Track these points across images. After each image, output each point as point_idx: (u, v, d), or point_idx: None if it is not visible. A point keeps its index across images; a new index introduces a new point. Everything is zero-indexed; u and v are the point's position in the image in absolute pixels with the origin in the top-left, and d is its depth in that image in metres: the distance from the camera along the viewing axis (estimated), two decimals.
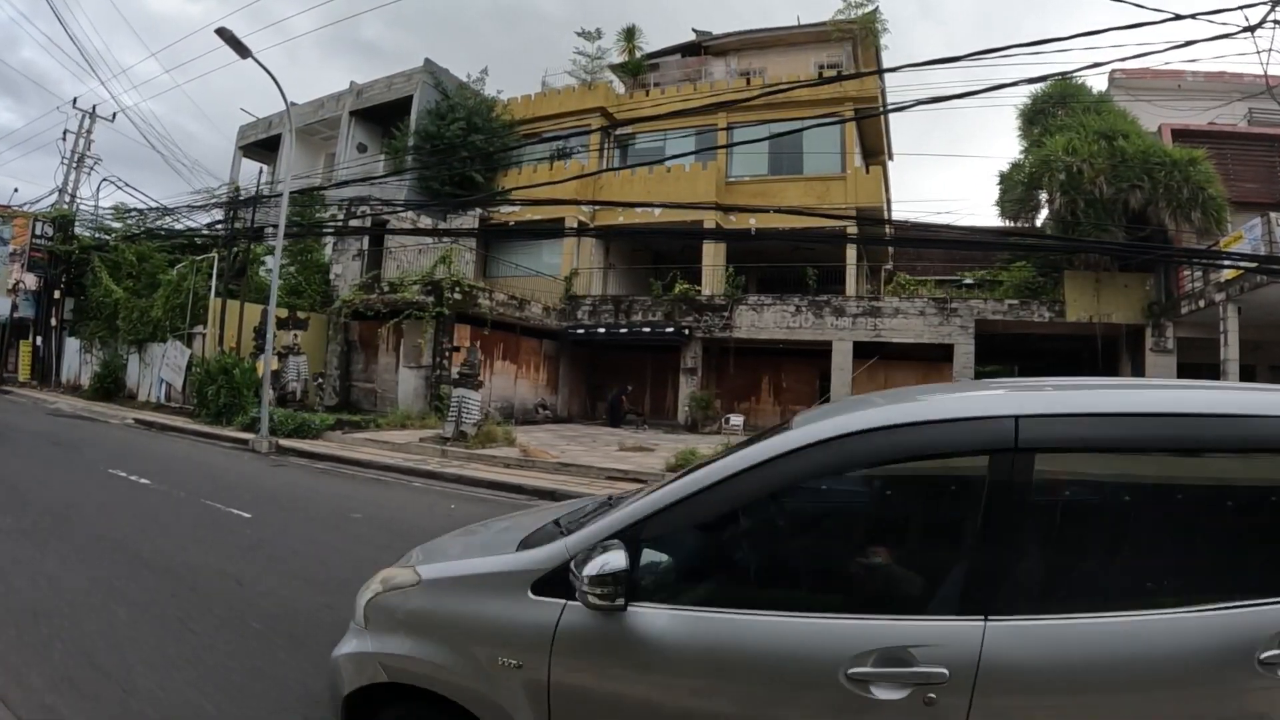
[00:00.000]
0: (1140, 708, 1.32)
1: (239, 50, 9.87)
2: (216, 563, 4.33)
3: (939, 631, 1.36)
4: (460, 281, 14.50)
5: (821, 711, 1.40)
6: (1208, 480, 1.55)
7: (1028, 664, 1.32)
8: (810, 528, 1.77)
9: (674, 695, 1.50)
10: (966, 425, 1.53)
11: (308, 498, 7.11)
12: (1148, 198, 12.75)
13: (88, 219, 18.10)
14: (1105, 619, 1.34)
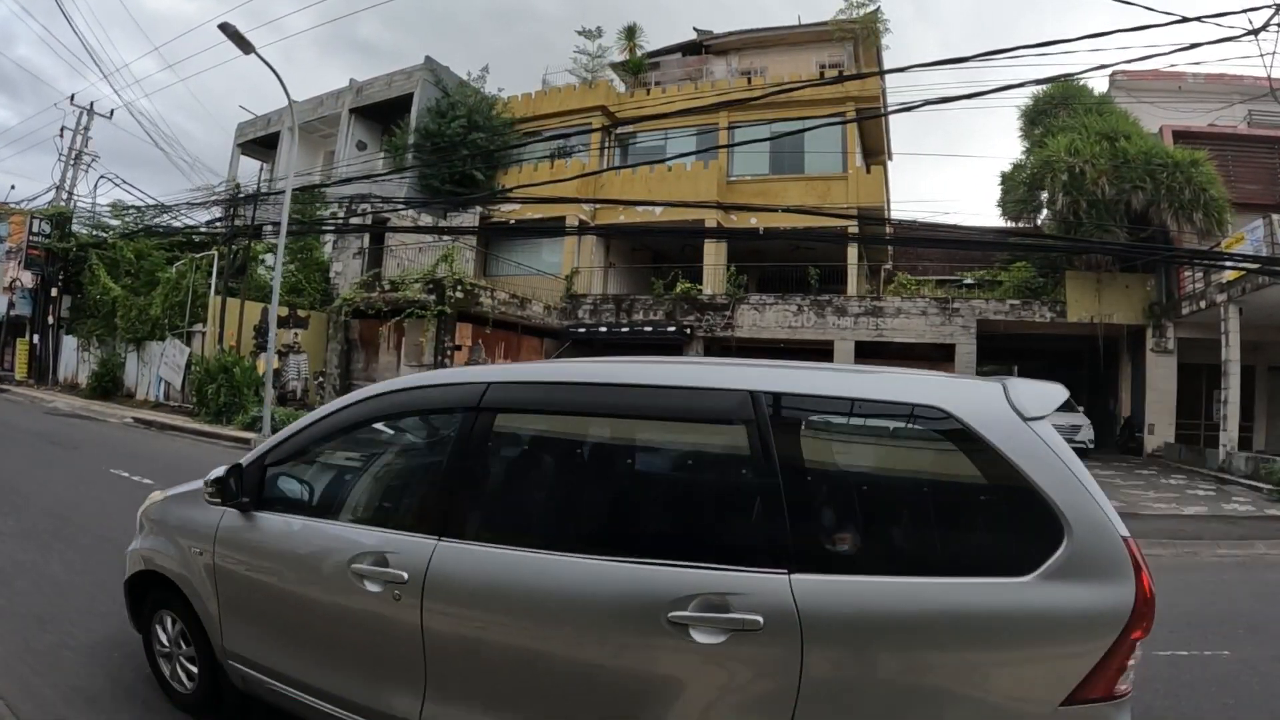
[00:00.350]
0: (570, 641, 1.63)
1: (242, 45, 9.78)
2: None
3: None
4: (462, 280, 14.45)
5: (329, 587, 1.98)
6: (661, 445, 1.88)
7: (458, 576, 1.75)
8: (373, 460, 2.37)
9: (278, 577, 2.15)
10: (450, 388, 2.06)
11: None
12: (1150, 199, 12.79)
13: (85, 216, 17.96)
14: (543, 556, 1.67)
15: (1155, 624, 4.00)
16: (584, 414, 1.88)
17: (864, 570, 1.51)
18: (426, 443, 2.25)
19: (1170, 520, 8.11)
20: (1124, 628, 1.43)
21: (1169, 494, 9.81)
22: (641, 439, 1.90)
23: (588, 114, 19.70)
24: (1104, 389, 17.17)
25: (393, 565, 1.79)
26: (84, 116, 17.83)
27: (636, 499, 1.82)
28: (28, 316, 17.35)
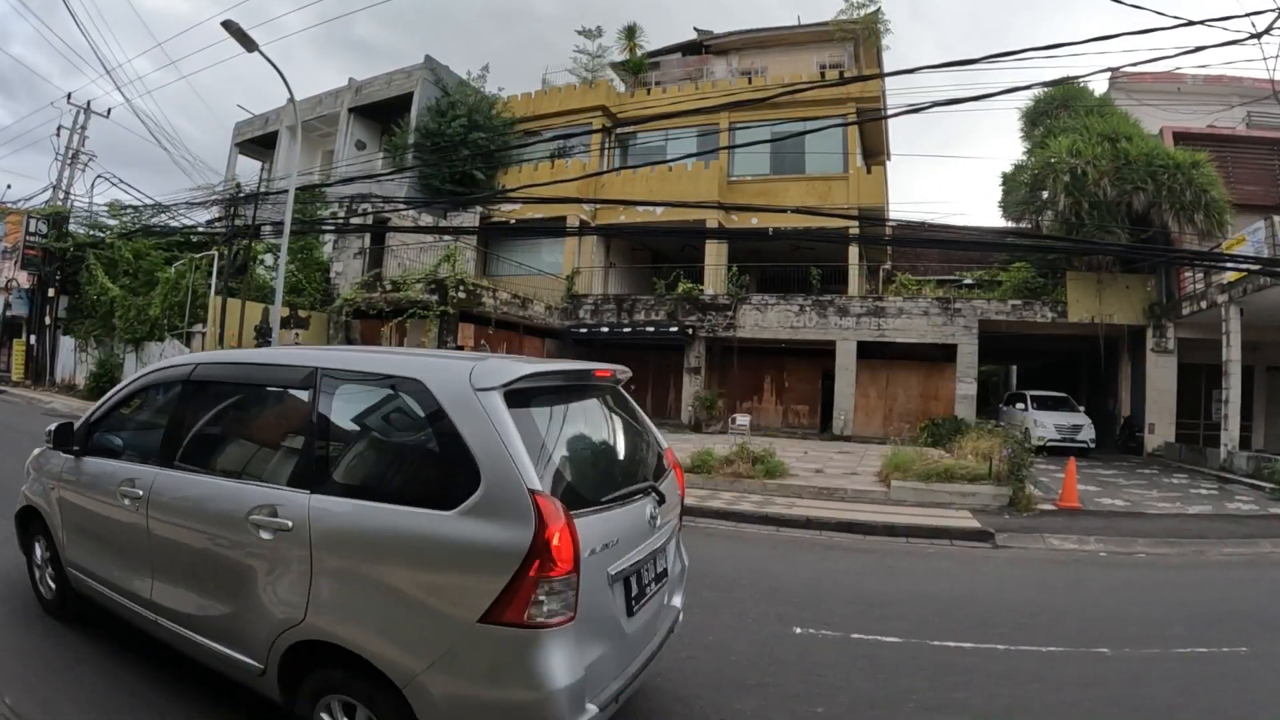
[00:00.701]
0: (203, 532, 2.42)
1: (245, 43, 9.70)
2: None
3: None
4: (464, 280, 14.39)
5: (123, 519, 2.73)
6: (256, 403, 2.67)
7: None
8: (160, 423, 2.90)
9: (89, 501, 2.93)
10: (174, 368, 2.91)
11: None
12: (1151, 200, 12.85)
13: (82, 216, 17.82)
14: (196, 477, 2.54)
15: (1171, 622, 3.99)
16: (229, 382, 2.73)
17: (351, 495, 2.08)
18: (161, 404, 2.97)
19: (1175, 520, 8.14)
20: (521, 563, 1.76)
21: (1172, 493, 9.86)
22: (247, 399, 2.70)
23: (588, 114, 19.67)
24: (1103, 389, 17.27)
25: (138, 486, 2.64)
26: (81, 115, 17.67)
27: (240, 438, 2.67)
28: (24, 317, 17.19)
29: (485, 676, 1.81)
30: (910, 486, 8.19)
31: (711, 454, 8.82)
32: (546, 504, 1.81)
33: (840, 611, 4.15)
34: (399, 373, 2.17)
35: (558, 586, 1.79)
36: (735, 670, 3.22)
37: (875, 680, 3.19)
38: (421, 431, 2.09)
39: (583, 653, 1.88)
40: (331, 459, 2.19)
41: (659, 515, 2.42)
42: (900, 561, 5.83)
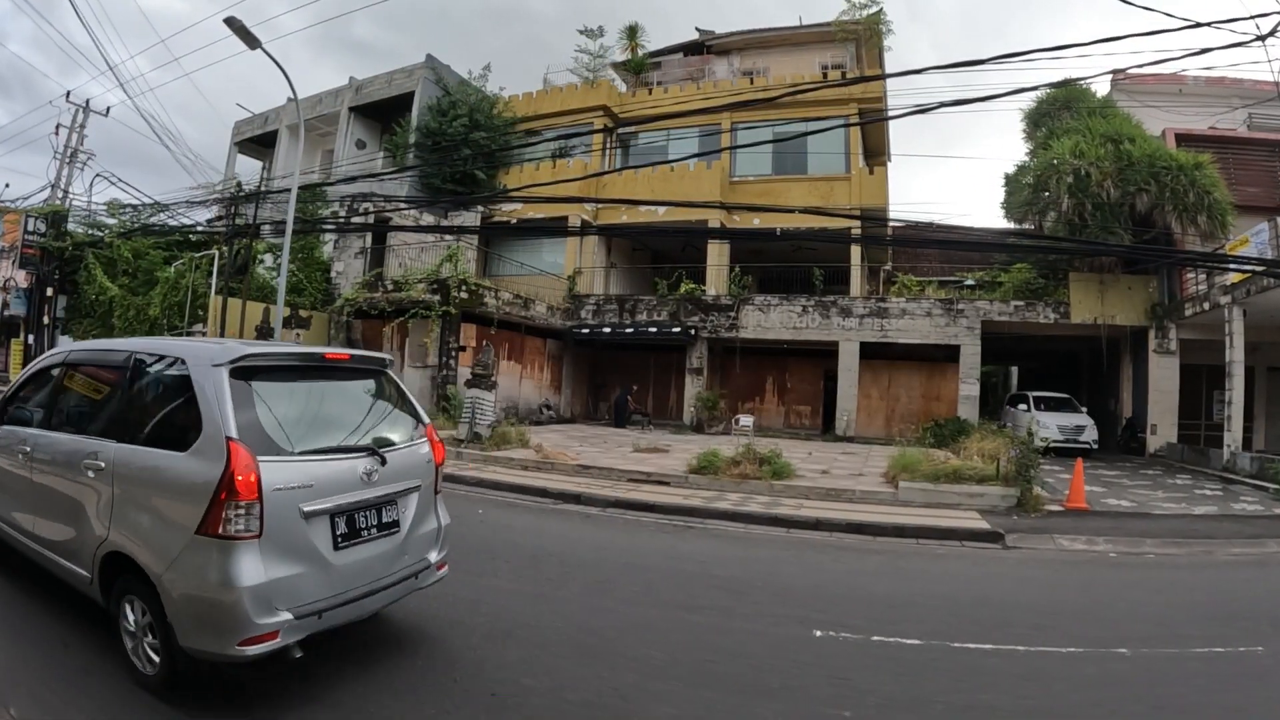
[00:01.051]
0: (62, 477, 3.14)
1: (248, 40, 9.64)
2: None
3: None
4: (467, 280, 14.33)
5: None
6: (96, 381, 3.41)
7: None
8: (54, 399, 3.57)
9: (5, 464, 3.57)
10: (54, 354, 3.78)
11: None
12: (1154, 201, 12.88)
13: (81, 215, 17.69)
14: (55, 435, 3.30)
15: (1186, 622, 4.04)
16: (85, 364, 3.46)
17: (137, 442, 2.82)
18: (46, 382, 3.64)
19: (1182, 520, 8.14)
20: (215, 490, 2.43)
21: (1177, 494, 9.87)
22: (93, 376, 3.39)
23: (590, 113, 19.64)
24: (1104, 390, 17.29)
25: (26, 444, 3.35)
26: (80, 113, 17.54)
27: (86, 404, 3.34)
28: (22, 316, 17.06)
29: (198, 575, 2.45)
30: (918, 488, 8.17)
31: (717, 455, 8.80)
32: (237, 448, 2.47)
33: (858, 614, 4.14)
34: (172, 354, 2.94)
35: (243, 510, 2.43)
36: (755, 674, 3.20)
37: (900, 683, 3.17)
38: (179, 395, 2.77)
39: (270, 566, 2.48)
40: (131, 417, 2.95)
41: (376, 473, 2.93)
42: (912, 563, 5.81)
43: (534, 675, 2.98)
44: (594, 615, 3.80)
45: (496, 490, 7.96)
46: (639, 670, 3.12)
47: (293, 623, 2.47)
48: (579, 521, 6.68)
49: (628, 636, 3.51)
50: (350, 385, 3.31)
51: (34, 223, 16.59)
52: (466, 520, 6.41)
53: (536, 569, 4.69)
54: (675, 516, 7.01)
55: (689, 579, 4.70)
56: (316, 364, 3.17)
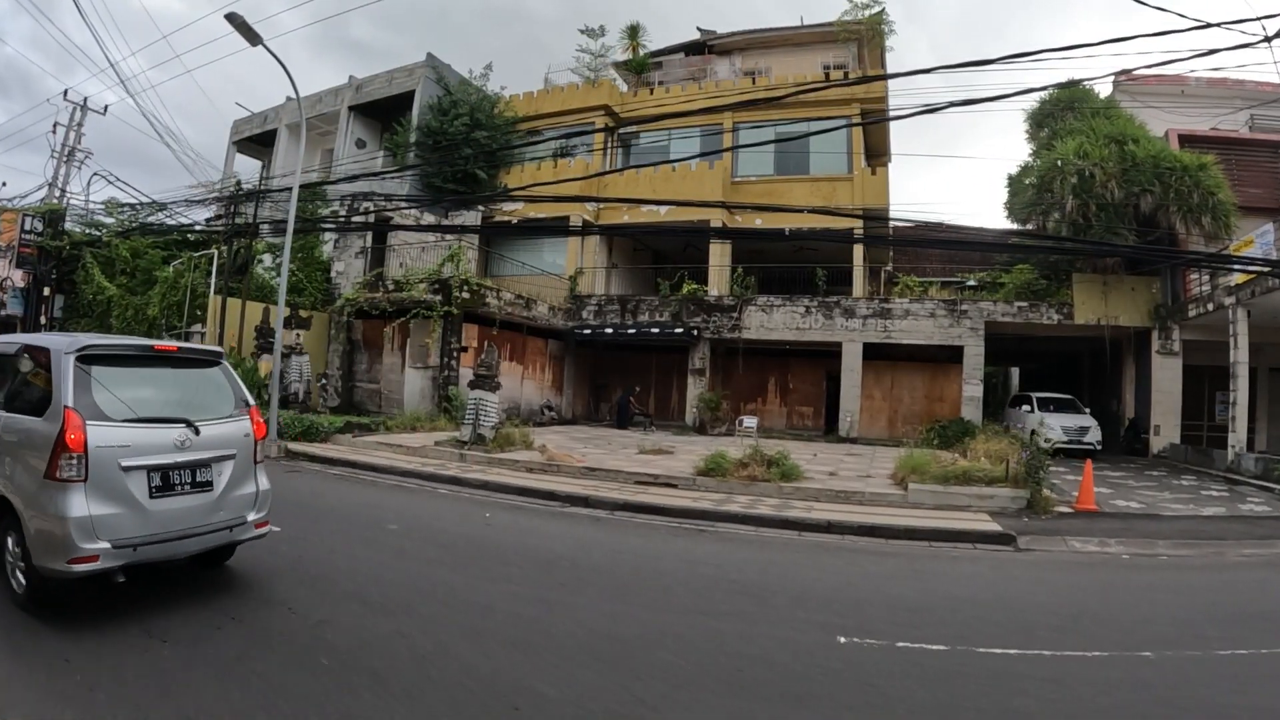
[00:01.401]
0: None
1: (249, 36, 9.54)
2: (258, 588, 3.98)
3: None
4: (469, 280, 14.23)
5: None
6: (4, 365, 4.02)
7: None
8: None
9: None
10: None
11: (335, 508, 6.78)
12: (1158, 202, 12.88)
13: (79, 214, 17.51)
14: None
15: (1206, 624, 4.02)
16: None
17: (18, 411, 3.63)
18: None
19: (1191, 521, 8.13)
20: (54, 445, 3.22)
21: (1184, 495, 9.86)
22: (2, 364, 4.01)
23: (591, 113, 19.58)
24: (1105, 390, 17.29)
25: None
26: (78, 111, 17.37)
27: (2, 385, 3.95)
28: (19, 316, 16.87)
29: (43, 510, 3.22)
30: (928, 490, 8.12)
31: (725, 457, 8.73)
32: (70, 414, 3.27)
33: (879, 619, 4.09)
34: (44, 344, 3.71)
35: (73, 460, 3.21)
36: (785, 681, 3.14)
37: (930, 690, 3.12)
38: (45, 375, 3.51)
39: (93, 504, 3.23)
40: (17, 391, 3.72)
41: (189, 441, 3.63)
42: (927, 565, 5.76)
43: (555, 685, 2.91)
44: (613, 622, 3.73)
45: (503, 493, 7.88)
46: (665, 679, 3.04)
47: (110, 550, 3.22)
48: (589, 525, 6.60)
49: (650, 644, 3.44)
50: (183, 372, 4.09)
51: (31, 221, 16.41)
52: (473, 522, 6.37)
53: (549, 574, 4.61)
54: (686, 520, 6.94)
55: (707, 584, 4.63)
56: (148, 354, 4.02)
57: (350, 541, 5.36)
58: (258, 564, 4.41)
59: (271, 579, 4.14)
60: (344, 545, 5.20)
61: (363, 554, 4.94)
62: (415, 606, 3.72)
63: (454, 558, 4.85)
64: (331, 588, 4.05)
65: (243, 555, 4.54)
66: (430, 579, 4.30)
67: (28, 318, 16.69)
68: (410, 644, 3.21)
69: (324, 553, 4.88)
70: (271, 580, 4.12)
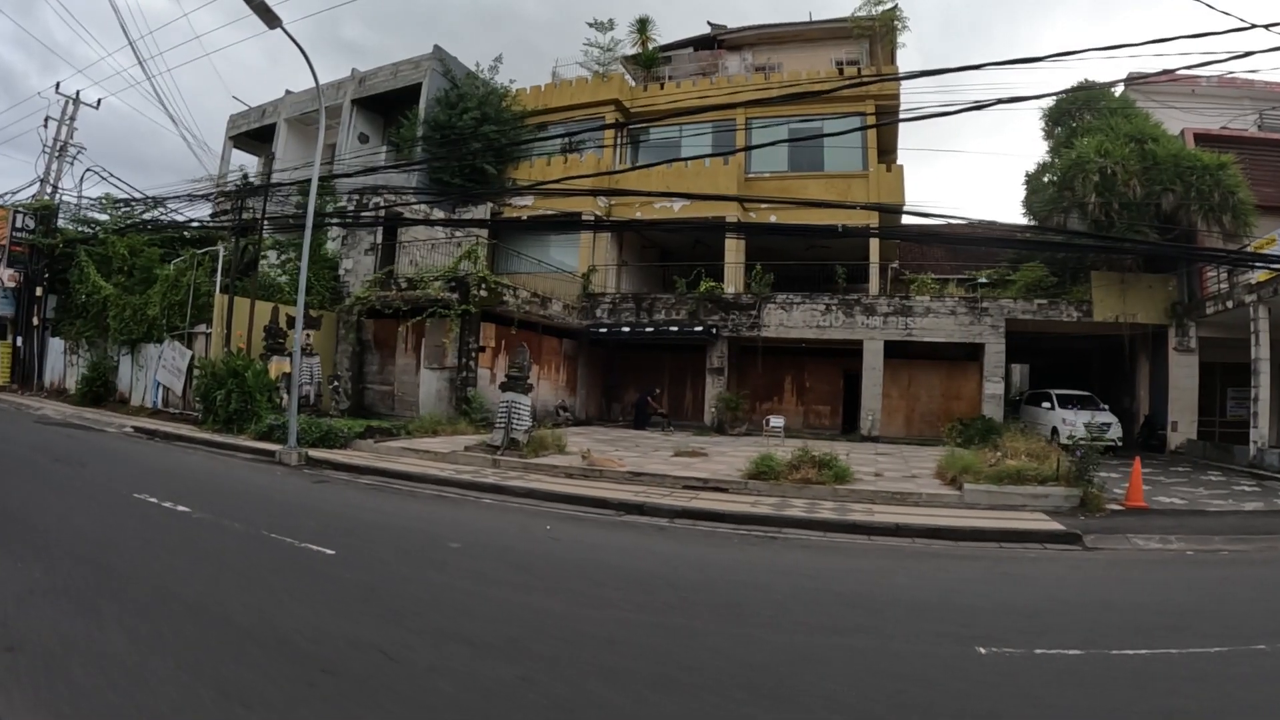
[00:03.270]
0: None
1: (267, 19, 9.10)
2: (338, 625, 3.45)
3: None
4: (486, 277, 13.87)
5: None
6: None
7: None
8: None
9: None
10: None
11: (382, 524, 6.36)
12: (1180, 200, 12.96)
13: (71, 211, 16.74)
14: None
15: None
16: None
17: None
18: None
19: (1237, 517, 8.19)
20: None
21: (1218, 491, 9.93)
22: None
23: (601, 108, 19.26)
24: (1117, 387, 17.44)
25: None
26: (69, 105, 16.58)
27: None
28: (9, 317, 16.10)
29: None
30: (983, 489, 8.04)
31: (774, 459, 8.54)
32: None
33: (1001, 626, 3.99)
34: None
35: None
36: (957, 700, 2.97)
37: (1090, 696, 3.04)
38: None
39: None
40: None
41: None
42: (1012, 568, 5.70)
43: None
44: (747, 648, 3.50)
45: (549, 502, 7.59)
46: (840, 710, 2.84)
47: None
48: (656, 535, 6.37)
49: (798, 670, 3.22)
50: None
51: (22, 218, 15.64)
52: (535, 536, 6.04)
53: (649, 595, 4.36)
54: (749, 526, 6.74)
55: (815, 597, 4.45)
56: None
57: (417, 564, 4.89)
58: (324, 596, 3.90)
59: (348, 616, 3.61)
60: (412, 569, 4.75)
61: (438, 579, 4.50)
62: (527, 644, 3.35)
63: (539, 580, 4.53)
64: (421, 623, 3.57)
65: (304, 587, 4.07)
66: (526, 608, 3.94)
67: (19, 319, 15.93)
68: (545, 692, 2.84)
69: (394, 580, 4.42)
70: (348, 616, 3.61)
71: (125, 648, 3.00)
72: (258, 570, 4.42)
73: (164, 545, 4.87)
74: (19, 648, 2.89)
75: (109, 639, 3.07)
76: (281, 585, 4.11)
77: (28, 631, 3.07)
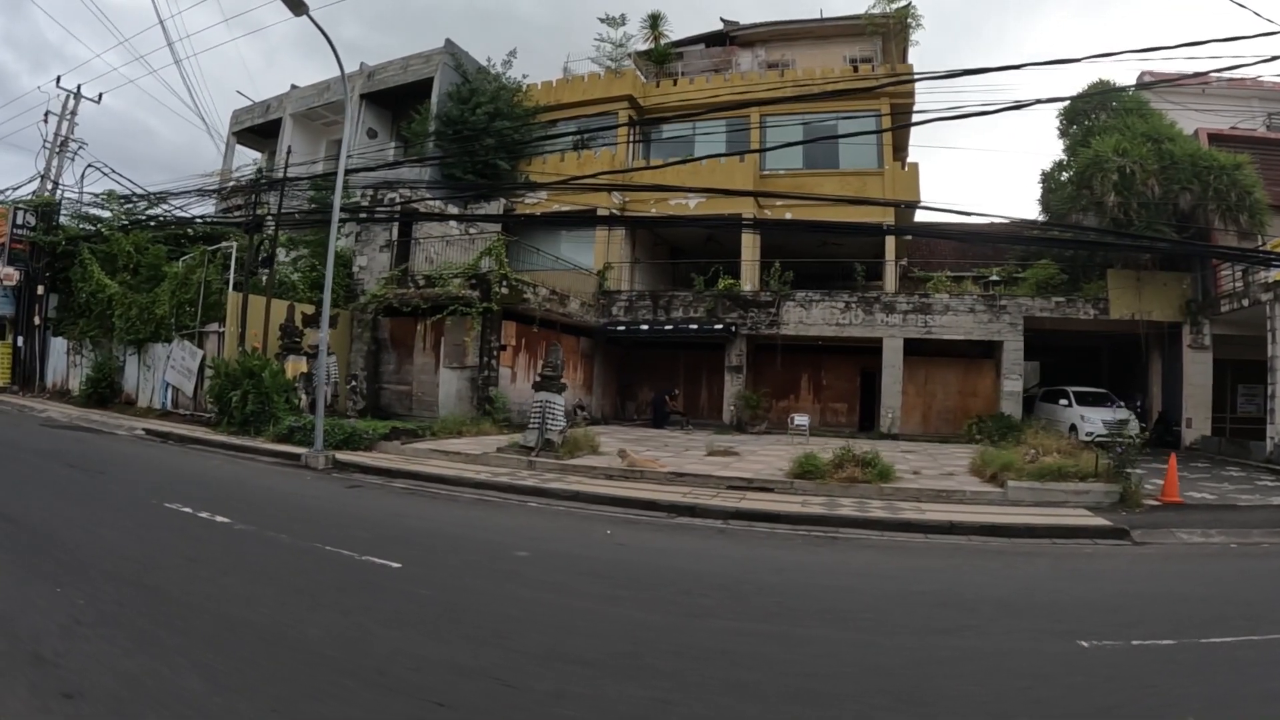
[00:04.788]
0: None
1: (294, 7, 8.87)
2: (434, 649, 3.17)
3: None
4: (508, 275, 13.69)
5: None
6: None
7: None
8: None
9: None
10: None
11: (433, 531, 6.14)
12: (1197, 199, 13.10)
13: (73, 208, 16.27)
14: None
15: None
16: None
17: None
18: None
19: (1266, 511, 8.34)
20: None
21: (1243, 486, 10.07)
22: None
23: (614, 103, 19.12)
24: (1127, 384, 17.62)
25: None
26: (70, 100, 16.10)
27: None
28: (10, 316, 15.63)
29: None
30: (1026, 486, 8.08)
31: (817, 458, 8.51)
32: None
33: (1092, 620, 4.06)
34: None
35: None
36: (1080, 693, 3.02)
37: (1201, 683, 3.16)
38: None
39: None
40: None
41: None
42: (1076, 564, 5.79)
43: None
44: (862, 652, 3.46)
45: (595, 504, 7.46)
46: (982, 711, 2.85)
47: None
48: (717, 538, 6.29)
49: (926, 674, 3.21)
50: None
51: (23, 215, 15.17)
52: (597, 541, 5.89)
53: (739, 600, 4.27)
54: (806, 527, 6.70)
55: (903, 598, 4.43)
56: None
57: (490, 576, 4.59)
58: (406, 616, 3.61)
59: (440, 638, 3.34)
60: (487, 582, 4.44)
61: (519, 593, 4.19)
62: (643, 660, 3.23)
63: (622, 590, 4.38)
64: (523, 643, 3.32)
65: (381, 606, 3.76)
66: (624, 620, 3.79)
67: (19, 318, 15.47)
68: (687, 714, 2.70)
69: (473, 595, 4.14)
70: (441, 639, 3.33)
71: (202, 688, 2.61)
72: (324, 589, 4.07)
73: (212, 562, 4.46)
74: (80, 694, 2.47)
75: (180, 678, 2.68)
76: (356, 605, 3.76)
77: (84, 672, 2.67)
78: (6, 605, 3.35)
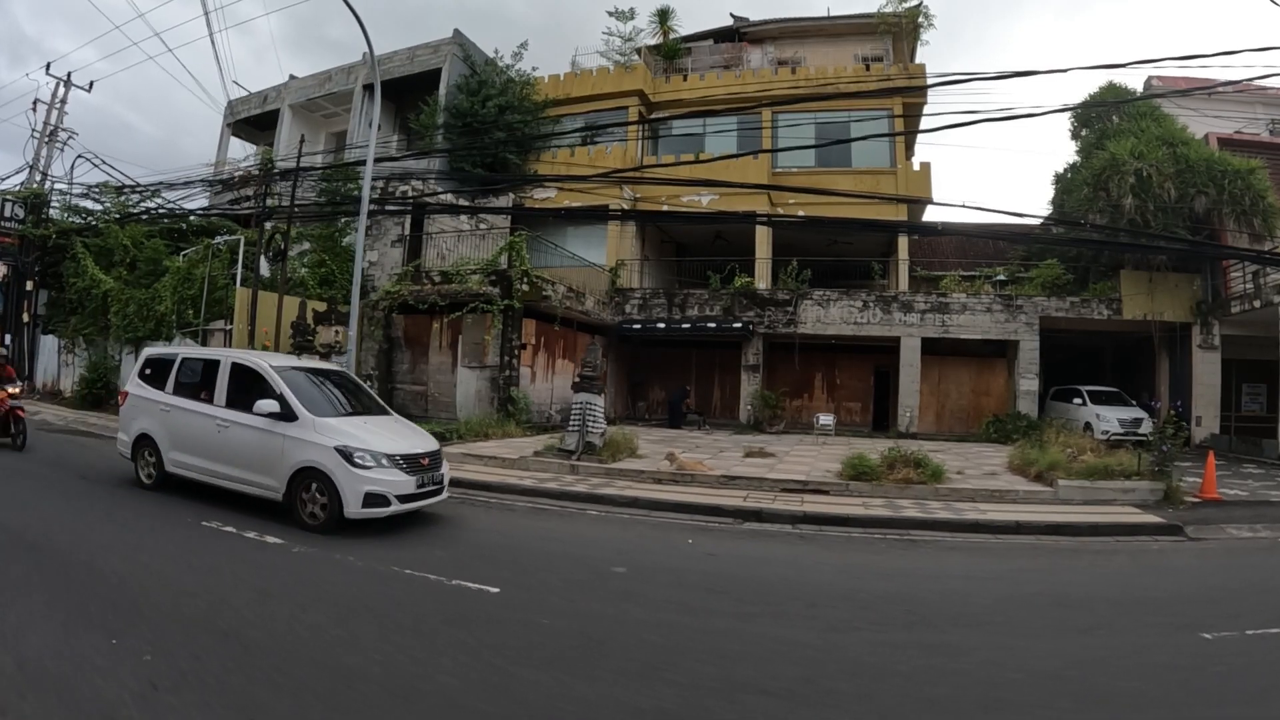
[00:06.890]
0: None
1: None
2: (592, 689, 2.87)
3: None
4: (529, 271, 13.36)
5: None
6: None
7: None
8: None
9: None
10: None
11: (509, 545, 5.61)
12: (1212, 203, 13.35)
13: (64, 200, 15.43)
14: None
15: None
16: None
17: None
18: None
19: None
20: None
21: (1265, 482, 10.30)
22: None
23: (623, 98, 18.85)
24: (1134, 383, 17.94)
25: None
26: (60, 89, 15.23)
27: None
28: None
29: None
30: (1076, 485, 8.13)
31: (866, 459, 8.44)
32: None
33: (1200, 612, 4.25)
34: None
35: None
36: (1229, 681, 3.18)
37: None
38: None
39: None
40: None
41: None
42: (1151, 560, 5.92)
43: None
44: (1027, 659, 3.41)
45: (657, 511, 7.22)
46: (1163, 706, 2.95)
47: None
48: (800, 543, 6.15)
49: (1095, 673, 3.25)
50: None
51: (11, 207, 14.33)
52: (683, 552, 5.63)
53: (870, 610, 4.14)
54: (879, 530, 6.61)
55: (1022, 602, 4.44)
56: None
57: (604, 598, 4.23)
58: (539, 651, 3.29)
59: (590, 675, 3.05)
60: (602, 604, 4.11)
61: (641, 615, 3.89)
62: (823, 685, 3.01)
63: (747, 605, 4.15)
64: (685, 675, 3.06)
65: (504, 641, 3.40)
66: (774, 641, 3.55)
67: (8, 315, 14.64)
68: None
69: (597, 620, 3.81)
70: (592, 676, 3.05)
71: None
72: (429, 623, 3.59)
73: (287, 596, 3.88)
74: None
75: None
76: (477, 642, 3.34)
77: None
78: (59, 665, 2.72)
